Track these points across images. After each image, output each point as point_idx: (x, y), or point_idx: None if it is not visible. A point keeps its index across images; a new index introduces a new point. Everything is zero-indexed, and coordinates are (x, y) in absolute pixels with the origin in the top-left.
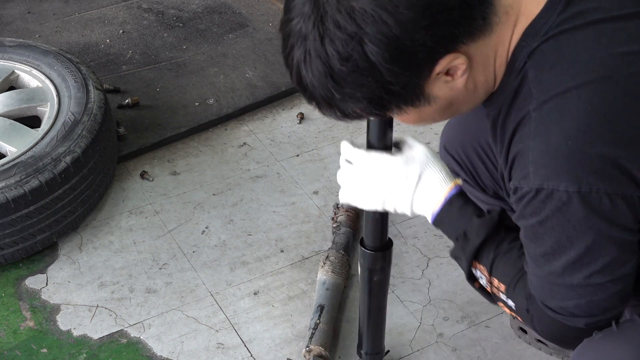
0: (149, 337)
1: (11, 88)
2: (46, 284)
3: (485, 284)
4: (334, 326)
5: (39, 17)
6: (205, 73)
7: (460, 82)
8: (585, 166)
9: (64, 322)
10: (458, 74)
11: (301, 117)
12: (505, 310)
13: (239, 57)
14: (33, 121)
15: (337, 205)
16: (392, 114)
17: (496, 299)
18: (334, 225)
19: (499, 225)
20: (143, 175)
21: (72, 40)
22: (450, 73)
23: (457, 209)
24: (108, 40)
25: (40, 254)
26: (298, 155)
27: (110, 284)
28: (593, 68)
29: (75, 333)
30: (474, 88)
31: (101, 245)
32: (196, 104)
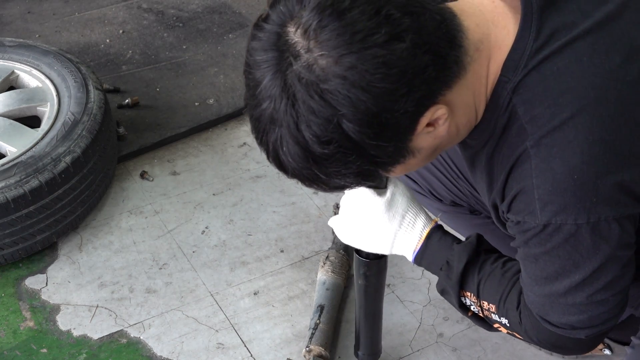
0: (149, 337)
1: (11, 88)
2: (46, 284)
3: (476, 310)
4: (334, 326)
5: (39, 17)
6: (205, 73)
7: (442, 130)
8: (593, 198)
9: (64, 322)
10: (439, 122)
11: None
12: (503, 331)
13: (239, 57)
14: (33, 121)
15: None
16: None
17: (491, 322)
18: None
19: (478, 248)
20: (143, 175)
21: (72, 40)
22: (431, 124)
23: (437, 241)
24: (108, 40)
25: (40, 254)
26: None
27: (110, 284)
28: (582, 93)
29: (75, 333)
30: (456, 131)
31: (101, 245)
32: (196, 104)
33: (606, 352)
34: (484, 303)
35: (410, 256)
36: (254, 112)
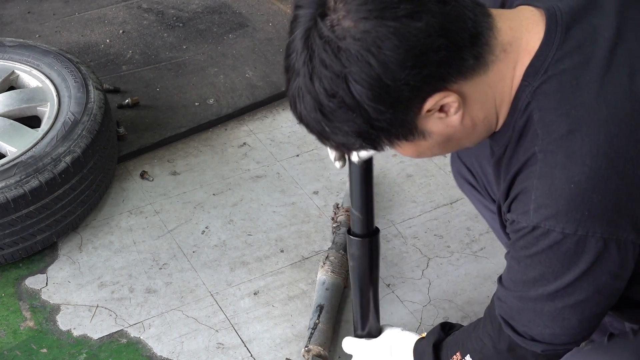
0: (149, 337)
1: (11, 88)
2: (46, 284)
3: None
4: (333, 326)
5: (39, 17)
6: (205, 73)
7: (455, 119)
8: (585, 211)
9: (64, 322)
10: (451, 111)
11: None
12: None
13: (239, 57)
14: (33, 121)
15: (337, 205)
16: (384, 148)
17: None
18: (334, 225)
19: (442, 332)
20: (143, 175)
21: (72, 40)
22: (444, 110)
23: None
24: (108, 40)
25: (40, 254)
26: (298, 155)
27: (110, 284)
28: (595, 109)
29: (75, 333)
30: (471, 125)
31: (101, 245)
32: (196, 104)
33: None
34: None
35: None
36: (284, 63)
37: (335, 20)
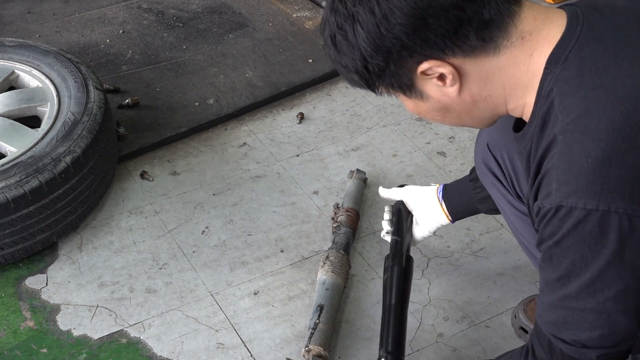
0: (149, 337)
1: (11, 88)
2: (46, 284)
3: None
4: (333, 326)
5: (39, 17)
6: (205, 73)
7: (451, 91)
8: (604, 184)
9: (64, 322)
10: (447, 82)
11: (301, 117)
12: None
13: (239, 57)
14: (33, 121)
15: (337, 205)
16: (382, 93)
17: None
18: (334, 225)
19: None
20: (143, 175)
21: (72, 40)
22: (442, 79)
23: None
24: (108, 40)
25: (40, 254)
26: (298, 155)
27: (110, 284)
28: (612, 90)
29: (75, 333)
30: (471, 101)
31: (101, 245)
32: (196, 104)
33: None
34: None
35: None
36: None
37: None
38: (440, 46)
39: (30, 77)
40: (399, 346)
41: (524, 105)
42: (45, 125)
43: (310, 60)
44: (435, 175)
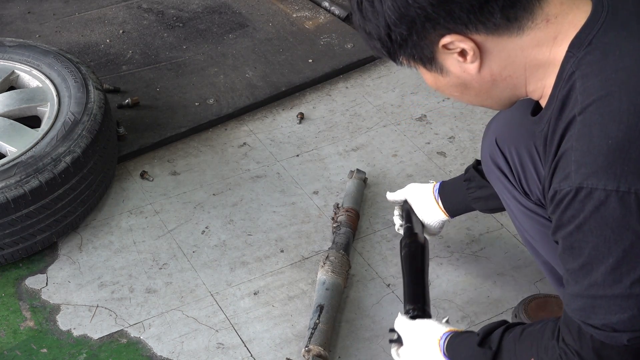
0: (149, 337)
1: (11, 88)
2: (46, 284)
3: None
4: (333, 326)
5: (39, 17)
6: (205, 73)
7: (472, 68)
8: (625, 166)
9: (64, 322)
10: (467, 58)
11: (301, 117)
12: None
13: (239, 57)
14: (33, 121)
15: (337, 205)
16: (402, 63)
17: None
18: (334, 225)
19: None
20: (143, 175)
21: (72, 40)
22: (463, 55)
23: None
24: (108, 40)
25: (40, 254)
26: (298, 155)
27: (110, 284)
28: (635, 72)
29: (75, 333)
30: (491, 79)
31: (101, 245)
32: (196, 104)
33: None
34: None
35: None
36: None
37: None
38: (464, 20)
39: (30, 77)
40: (424, 298)
41: (543, 87)
42: (45, 125)
43: (310, 60)
44: (435, 175)
